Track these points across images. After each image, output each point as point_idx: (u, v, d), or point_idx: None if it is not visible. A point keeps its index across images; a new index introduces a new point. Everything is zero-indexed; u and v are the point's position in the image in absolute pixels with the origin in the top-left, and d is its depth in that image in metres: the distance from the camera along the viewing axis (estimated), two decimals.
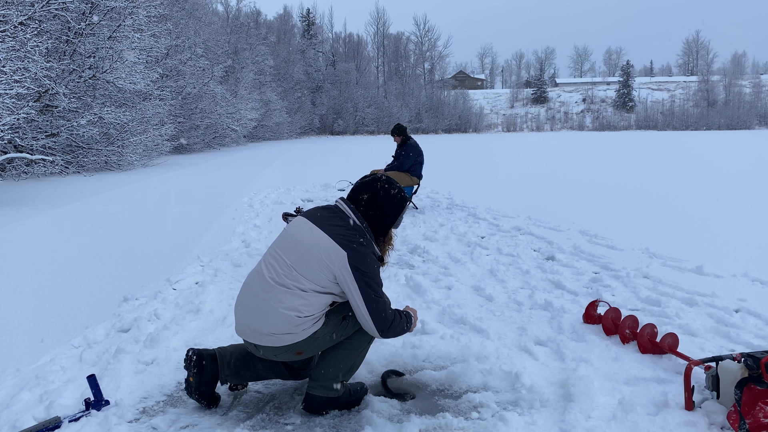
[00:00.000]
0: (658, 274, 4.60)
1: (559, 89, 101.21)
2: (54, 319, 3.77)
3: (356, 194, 2.54)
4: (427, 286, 4.35)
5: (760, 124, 73.08)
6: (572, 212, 7.81)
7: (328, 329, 2.40)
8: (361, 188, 2.53)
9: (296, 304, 2.30)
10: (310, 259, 2.34)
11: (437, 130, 67.49)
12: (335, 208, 2.53)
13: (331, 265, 2.32)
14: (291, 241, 2.44)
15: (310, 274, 2.33)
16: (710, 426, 2.33)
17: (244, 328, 2.42)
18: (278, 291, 2.32)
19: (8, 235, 6.78)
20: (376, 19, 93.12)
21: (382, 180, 2.56)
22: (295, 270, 2.34)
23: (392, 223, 2.56)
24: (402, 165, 8.26)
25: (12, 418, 2.46)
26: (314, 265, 2.33)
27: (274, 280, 2.35)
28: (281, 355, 2.41)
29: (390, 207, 2.52)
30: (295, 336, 2.32)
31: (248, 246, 5.88)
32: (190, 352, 2.54)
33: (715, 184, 11.39)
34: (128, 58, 16.06)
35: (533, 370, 2.88)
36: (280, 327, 2.31)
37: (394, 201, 2.53)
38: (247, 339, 2.42)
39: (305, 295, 2.31)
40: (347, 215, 2.47)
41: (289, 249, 2.41)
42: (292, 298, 2.30)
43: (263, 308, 2.33)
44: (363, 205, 2.50)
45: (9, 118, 10.95)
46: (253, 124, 36.75)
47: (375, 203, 2.50)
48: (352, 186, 2.60)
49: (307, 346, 2.38)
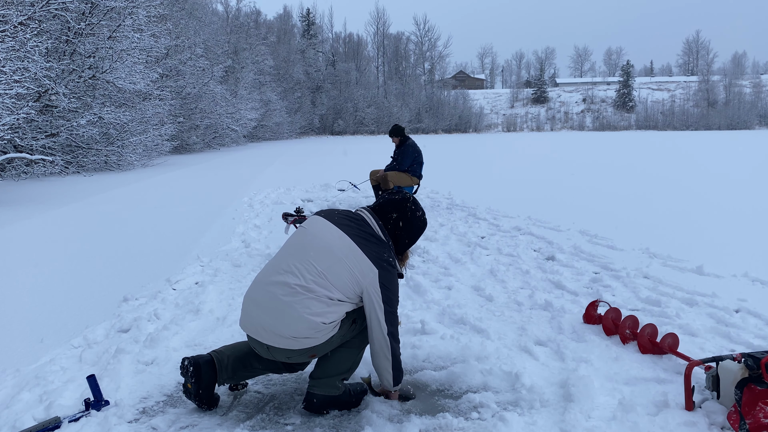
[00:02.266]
0: (658, 274, 4.60)
1: (559, 89, 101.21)
2: (54, 319, 3.77)
3: (385, 211, 2.58)
4: (427, 286, 4.35)
5: (761, 124, 73.07)
6: (572, 212, 7.81)
7: (341, 332, 2.42)
8: (391, 206, 2.60)
9: (323, 311, 2.31)
10: (342, 269, 2.35)
11: (437, 130, 67.50)
12: (359, 217, 2.54)
13: (362, 279, 2.36)
14: (320, 246, 2.40)
15: (339, 284, 2.34)
16: (710, 426, 2.33)
17: (258, 328, 2.38)
18: (305, 297, 2.30)
19: (8, 235, 6.78)
20: (376, 19, 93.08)
21: (410, 201, 2.65)
22: (326, 278, 2.34)
23: (413, 243, 2.68)
24: (401, 165, 8.27)
25: (12, 418, 2.46)
26: (345, 275, 2.35)
27: (300, 285, 2.32)
28: (294, 357, 2.41)
29: (416, 229, 2.65)
30: (314, 340, 2.34)
31: (248, 246, 5.88)
32: (186, 361, 2.50)
33: (715, 184, 11.39)
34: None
35: (533, 370, 2.88)
36: (303, 332, 2.30)
37: (420, 224, 2.65)
38: (260, 339, 2.39)
39: (331, 304, 2.33)
40: (374, 229, 2.50)
41: (320, 255, 2.38)
42: (320, 305, 2.31)
43: (286, 312, 2.30)
44: (391, 223, 2.57)
45: (9, 118, 10.95)
46: (253, 124, 36.75)
47: (403, 224, 2.58)
48: (378, 201, 2.65)
49: (322, 348, 2.41)
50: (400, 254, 2.65)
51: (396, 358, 2.47)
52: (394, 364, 2.48)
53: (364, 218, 2.53)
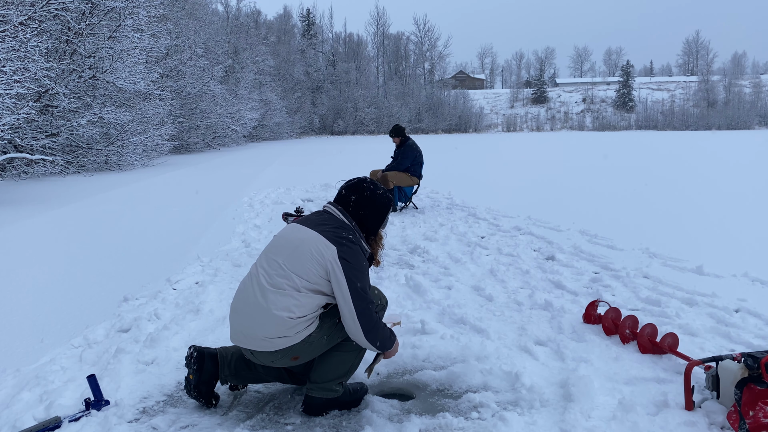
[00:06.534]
0: (658, 274, 4.60)
1: (559, 89, 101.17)
2: (54, 319, 3.77)
3: (344, 197, 2.59)
4: (427, 286, 4.35)
5: (760, 124, 73.02)
6: (572, 212, 7.81)
7: (323, 332, 2.39)
8: (348, 190, 2.60)
9: (288, 304, 2.29)
10: (301, 255, 2.35)
11: (437, 130, 67.46)
12: (324, 212, 2.59)
13: (321, 259, 2.33)
14: (281, 243, 2.47)
15: (301, 271, 2.33)
16: (710, 426, 2.33)
17: (238, 334, 2.41)
18: (271, 293, 2.32)
19: (8, 235, 6.78)
20: (376, 19, 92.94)
21: (367, 181, 2.63)
22: (286, 268, 2.35)
23: (381, 222, 2.62)
24: (400, 165, 8.28)
25: (12, 418, 2.46)
26: (305, 260, 2.34)
27: (267, 282, 2.35)
28: (278, 361, 2.40)
29: (378, 206, 2.59)
30: (288, 339, 2.31)
31: (248, 246, 5.88)
32: (192, 349, 2.55)
33: (715, 184, 11.39)
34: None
35: (533, 370, 2.88)
36: (273, 330, 2.29)
37: (382, 201, 2.61)
38: (242, 345, 2.42)
39: (297, 295, 2.31)
40: (336, 217, 2.52)
41: (279, 249, 2.44)
42: (284, 298, 2.30)
43: (256, 312, 2.33)
44: (351, 206, 2.56)
45: (9, 118, 10.95)
46: (253, 124, 36.75)
47: (363, 204, 2.56)
48: (338, 191, 2.64)
49: (303, 350, 2.37)
50: (372, 235, 2.62)
51: (373, 332, 2.38)
52: (371, 339, 2.38)
53: (326, 210, 2.58)
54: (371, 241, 2.62)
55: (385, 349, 2.49)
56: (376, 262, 2.64)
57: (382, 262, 2.71)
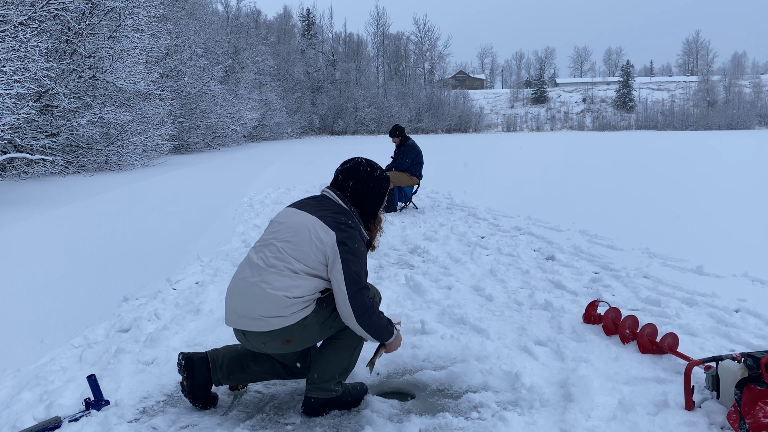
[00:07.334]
0: (658, 274, 4.60)
1: (559, 89, 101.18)
2: (54, 319, 3.77)
3: (341, 181, 2.56)
4: (427, 286, 4.35)
5: (760, 125, 73.04)
6: (572, 212, 7.81)
7: (318, 318, 2.36)
8: (345, 174, 2.56)
9: (285, 284, 2.28)
10: (300, 240, 2.34)
11: (437, 130, 67.48)
12: (321, 196, 2.56)
13: (320, 244, 2.32)
14: (279, 227, 2.44)
15: (300, 255, 2.32)
16: (710, 426, 2.33)
17: (232, 314, 2.38)
18: (268, 273, 2.31)
19: (8, 235, 6.78)
20: (376, 19, 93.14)
21: (363, 164, 2.58)
22: (285, 251, 2.33)
23: (380, 204, 2.60)
24: (400, 165, 8.28)
25: (12, 418, 2.46)
26: (305, 245, 2.32)
27: (264, 262, 2.34)
28: (269, 344, 2.35)
29: (376, 189, 2.56)
30: (283, 320, 2.28)
31: (248, 246, 5.88)
32: (180, 356, 2.53)
33: (715, 183, 11.39)
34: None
35: (533, 370, 2.88)
36: (269, 309, 2.27)
37: (380, 183, 2.58)
38: (235, 326, 2.39)
39: (295, 277, 2.30)
40: (335, 201, 2.50)
41: (279, 234, 2.41)
42: (282, 278, 2.29)
43: (252, 291, 2.31)
44: (350, 191, 2.53)
45: (9, 118, 10.95)
46: (253, 124, 36.76)
47: (361, 187, 2.53)
48: (334, 176, 2.61)
49: (296, 333, 2.33)
50: (372, 218, 2.59)
51: (366, 317, 2.33)
52: (364, 324, 2.34)
53: (324, 195, 2.55)
54: (370, 224, 2.59)
55: (382, 339, 2.45)
56: (372, 247, 2.59)
57: (378, 247, 2.68)
